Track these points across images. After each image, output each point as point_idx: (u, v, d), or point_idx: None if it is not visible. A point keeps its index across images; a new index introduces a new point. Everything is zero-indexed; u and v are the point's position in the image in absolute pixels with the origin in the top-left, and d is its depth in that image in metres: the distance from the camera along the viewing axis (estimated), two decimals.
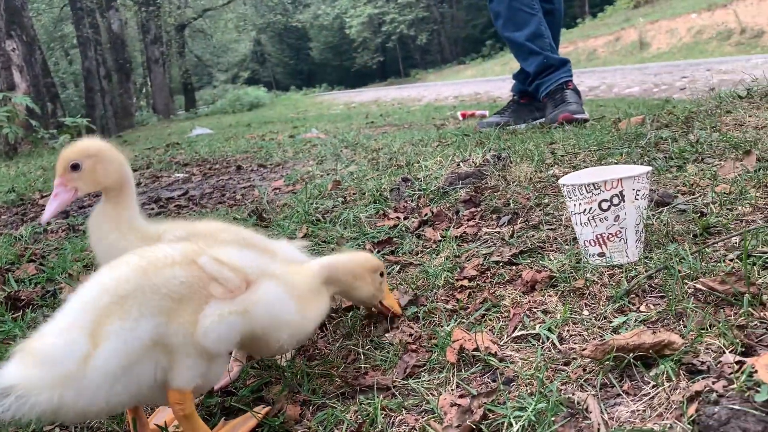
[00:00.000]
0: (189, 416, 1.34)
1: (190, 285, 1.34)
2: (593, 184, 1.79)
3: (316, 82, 52.01)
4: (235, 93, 30.32)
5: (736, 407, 1.14)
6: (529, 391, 1.38)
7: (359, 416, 1.43)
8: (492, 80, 23.23)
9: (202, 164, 6.83)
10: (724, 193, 2.21)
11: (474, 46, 44.12)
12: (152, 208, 4.62)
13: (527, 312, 1.73)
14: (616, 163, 2.75)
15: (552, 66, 4.91)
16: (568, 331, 1.60)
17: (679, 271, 1.67)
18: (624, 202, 1.79)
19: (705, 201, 2.18)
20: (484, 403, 1.35)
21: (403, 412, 1.43)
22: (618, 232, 1.82)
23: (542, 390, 1.34)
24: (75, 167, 1.64)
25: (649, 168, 1.83)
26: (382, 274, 1.78)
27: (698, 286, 1.59)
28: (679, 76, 12.62)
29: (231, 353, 1.72)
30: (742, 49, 18.30)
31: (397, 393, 1.51)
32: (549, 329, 1.61)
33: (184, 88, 35.32)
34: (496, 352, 1.55)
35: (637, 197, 1.80)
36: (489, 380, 1.49)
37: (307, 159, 5.96)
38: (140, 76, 34.65)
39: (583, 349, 1.41)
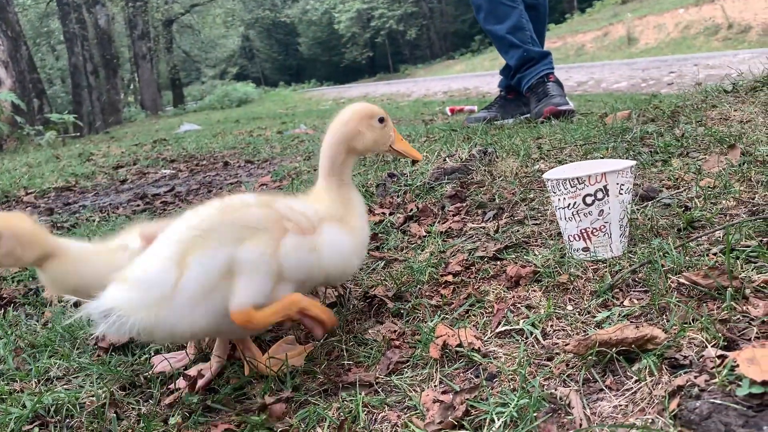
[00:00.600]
0: (265, 318, 1.51)
1: (267, 219, 1.53)
2: (577, 179, 1.78)
3: (305, 78, 51.81)
4: (223, 89, 30.17)
5: (718, 401, 1.14)
6: (511, 386, 1.37)
7: (341, 413, 1.42)
8: (481, 75, 23.24)
9: (189, 160, 6.80)
10: (709, 187, 2.21)
11: (463, 41, 44.11)
12: (138, 205, 4.59)
13: (511, 307, 1.72)
14: (601, 158, 2.75)
15: (533, 59, 4.90)
16: (551, 326, 1.60)
17: (663, 266, 1.67)
18: (608, 196, 1.78)
19: (689, 195, 2.18)
20: (467, 399, 1.34)
21: (386, 408, 1.42)
22: (602, 227, 1.81)
23: (525, 386, 1.34)
24: None
25: (633, 162, 1.83)
26: (381, 120, 1.79)
27: (681, 280, 1.59)
28: (667, 71, 12.67)
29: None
30: (729, 44, 18.38)
31: (379, 389, 1.50)
32: (533, 324, 1.60)
33: (172, 83, 35.08)
34: (479, 347, 1.55)
35: (621, 191, 1.79)
36: (472, 376, 1.48)
37: (295, 155, 5.94)
38: (128, 72, 34.40)
39: (566, 344, 1.40)
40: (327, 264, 1.62)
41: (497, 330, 1.64)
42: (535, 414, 1.24)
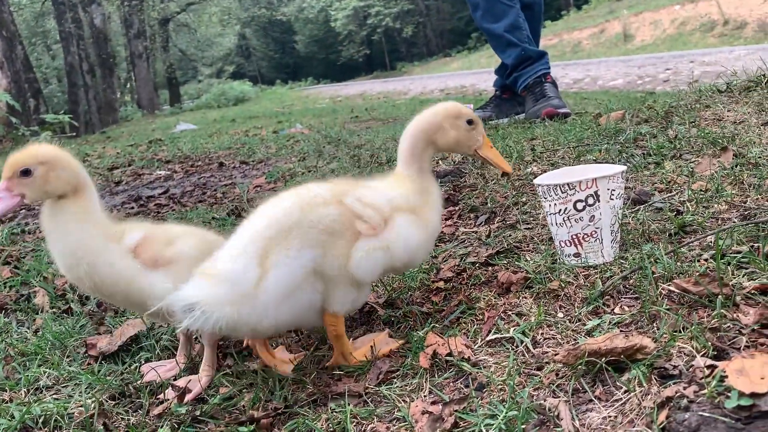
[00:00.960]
0: (340, 336, 1.61)
1: (342, 222, 1.55)
2: (568, 185, 1.77)
3: (301, 76, 51.70)
4: (220, 87, 30.10)
5: (707, 414, 1.13)
6: (500, 397, 1.36)
7: (330, 424, 1.41)
8: (478, 73, 23.21)
9: (185, 161, 6.77)
10: (701, 190, 2.21)
11: (460, 39, 44.06)
12: (132, 207, 4.57)
13: (502, 315, 1.71)
14: (594, 160, 2.74)
15: (530, 58, 4.89)
16: (542, 334, 1.59)
17: (654, 272, 1.66)
18: (599, 202, 1.77)
19: (681, 199, 2.18)
20: (456, 410, 1.34)
21: (375, 420, 1.41)
22: (593, 233, 1.80)
23: (514, 396, 1.33)
24: (26, 173, 1.59)
25: (624, 167, 1.82)
26: (470, 122, 1.78)
27: (672, 288, 1.58)
28: (663, 68, 12.66)
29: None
30: (725, 40, 18.38)
31: (368, 400, 1.49)
32: (523, 332, 1.60)
33: (168, 82, 35.01)
34: (469, 357, 1.54)
35: (612, 197, 1.79)
36: (462, 386, 1.47)
37: (290, 155, 5.92)
38: (124, 71, 34.31)
39: (556, 354, 1.39)
40: (396, 258, 1.63)
41: (488, 338, 1.63)
42: (523, 426, 1.23)
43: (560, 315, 1.65)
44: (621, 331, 1.49)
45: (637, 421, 1.21)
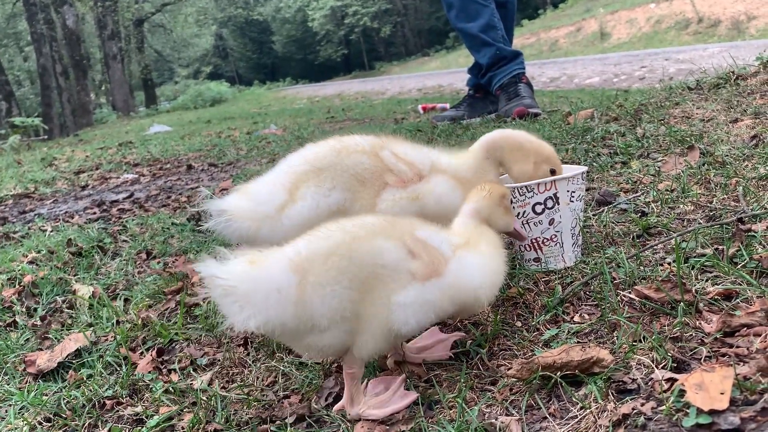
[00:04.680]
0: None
1: (372, 172, 1.62)
2: (526, 187, 1.69)
3: (280, 76, 51.31)
4: (196, 88, 29.75)
5: None
6: (450, 416, 1.28)
7: None
8: (456, 72, 23.17)
9: (153, 164, 6.63)
10: (667, 190, 2.14)
11: (438, 38, 44.05)
12: (94, 213, 4.44)
13: (458, 324, 1.63)
14: (561, 160, 2.67)
15: (505, 58, 4.84)
16: (498, 344, 1.51)
17: (615, 278, 1.59)
18: (558, 204, 1.70)
19: (647, 199, 2.11)
20: (402, 431, 1.25)
21: None
22: (553, 237, 1.73)
23: (463, 416, 1.25)
24: None
25: (584, 168, 1.75)
26: (554, 172, 1.74)
27: (632, 295, 1.51)
28: (639, 65, 12.70)
29: None
30: (699, 38, 18.53)
31: (314, 421, 1.40)
32: (479, 344, 1.52)
33: (144, 84, 34.50)
34: (420, 374, 1.45)
35: (572, 199, 1.71)
36: (413, 404, 1.38)
37: (260, 157, 5.80)
38: (99, 73, 33.83)
39: (509, 369, 1.31)
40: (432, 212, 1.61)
41: None
42: None
43: (518, 324, 1.57)
44: (578, 342, 1.41)
45: None
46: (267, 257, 1.32)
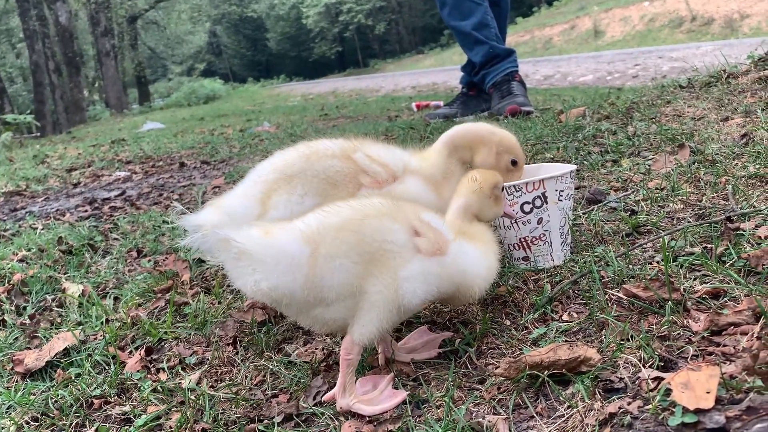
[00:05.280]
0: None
1: (345, 174, 1.62)
2: (514, 186, 1.69)
3: (274, 74, 51.13)
4: (190, 85, 29.62)
5: None
6: (437, 415, 1.28)
7: None
8: (450, 70, 23.15)
9: (146, 161, 6.61)
10: (657, 188, 2.15)
11: (432, 36, 44.02)
12: (85, 210, 4.42)
13: (447, 323, 1.63)
14: (552, 158, 2.68)
15: (498, 56, 4.84)
16: (487, 343, 1.51)
17: (603, 277, 1.59)
18: (547, 203, 1.70)
19: (637, 198, 2.11)
20: (390, 430, 1.25)
21: None
22: (542, 236, 1.73)
23: (450, 414, 1.24)
24: None
25: (573, 167, 1.75)
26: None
27: (621, 294, 1.51)
28: (632, 63, 12.72)
29: None
30: (692, 36, 18.56)
31: (302, 420, 1.40)
32: (467, 343, 1.51)
33: (137, 81, 34.35)
34: (408, 373, 1.45)
35: (560, 198, 1.71)
36: (401, 403, 1.38)
37: (253, 155, 5.79)
38: (92, 70, 33.67)
39: (497, 368, 1.31)
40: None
41: None
42: None
43: (507, 322, 1.57)
44: (566, 340, 1.41)
45: None
46: (280, 228, 1.37)
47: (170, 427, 1.47)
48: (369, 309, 1.34)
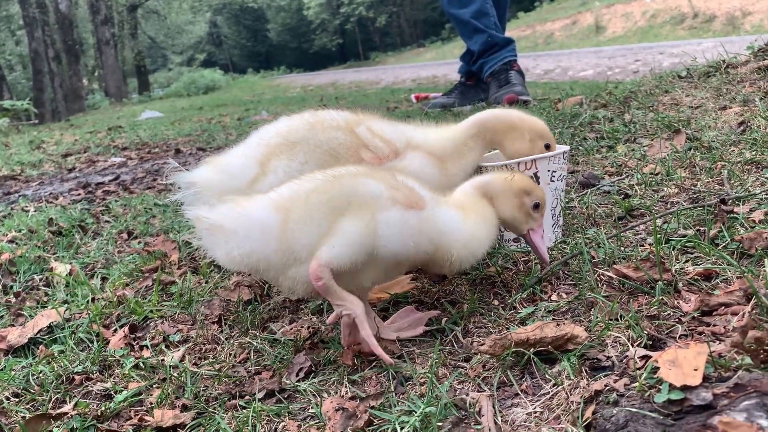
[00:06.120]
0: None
1: (347, 147, 1.59)
2: (506, 166, 1.66)
3: (274, 65, 50.91)
4: (190, 76, 29.51)
5: (635, 409, 1.04)
6: (421, 391, 1.25)
7: (237, 424, 1.29)
8: (450, 63, 23.06)
9: (142, 148, 6.57)
10: (651, 173, 2.12)
11: (434, 29, 43.84)
12: (79, 194, 4.39)
13: (435, 302, 1.61)
14: None
15: (496, 45, 4.81)
16: (474, 322, 1.48)
17: (593, 258, 1.56)
18: (539, 184, 1.67)
19: (631, 182, 2.09)
20: (372, 406, 1.22)
21: (287, 417, 1.29)
22: None
23: (434, 391, 1.22)
24: None
25: (566, 147, 1.72)
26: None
27: (611, 273, 1.48)
28: (633, 59, 12.66)
29: None
30: (694, 33, 18.50)
31: (284, 396, 1.38)
32: (454, 322, 1.49)
33: (137, 70, 34.19)
34: (393, 350, 1.43)
35: (553, 178, 1.69)
36: (385, 380, 1.36)
37: None
38: (92, 59, 33.54)
39: (482, 345, 1.29)
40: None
41: None
42: (439, 423, 1.13)
43: (495, 302, 1.55)
44: (554, 319, 1.39)
45: (563, 417, 1.11)
46: (251, 199, 1.37)
47: (150, 403, 1.44)
48: (340, 236, 1.31)
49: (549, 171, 1.67)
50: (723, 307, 1.30)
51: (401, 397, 1.26)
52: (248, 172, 1.59)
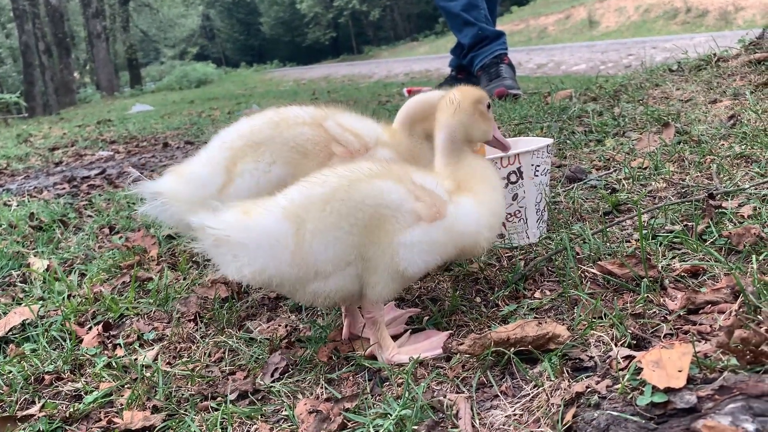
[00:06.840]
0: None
1: (316, 143, 1.53)
2: (489, 161, 1.62)
3: (267, 59, 50.62)
4: (182, 69, 29.31)
5: (616, 413, 1.00)
6: (396, 393, 1.21)
7: (209, 426, 1.24)
8: (444, 57, 22.96)
9: (130, 141, 6.50)
10: (639, 167, 2.08)
11: (427, 23, 43.69)
12: (63, 188, 4.32)
13: (416, 300, 1.56)
14: (534, 136, 2.60)
15: (486, 38, 4.76)
16: (455, 321, 1.44)
17: (578, 254, 1.52)
18: (522, 179, 1.63)
19: (619, 176, 2.05)
20: (347, 408, 1.18)
21: (259, 419, 1.25)
22: (517, 212, 1.66)
23: (411, 392, 1.18)
24: None
25: (550, 140, 1.68)
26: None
27: (595, 270, 1.44)
28: (626, 53, 12.63)
29: None
30: (687, 27, 18.50)
31: (257, 397, 1.33)
32: (435, 321, 1.45)
33: (129, 64, 33.91)
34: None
35: (536, 173, 1.64)
36: (362, 380, 1.32)
37: None
38: (83, 52, 33.28)
39: (461, 344, 1.25)
40: None
41: None
42: (414, 427, 1.08)
43: (477, 300, 1.50)
44: (536, 317, 1.35)
45: (543, 420, 1.07)
46: (259, 206, 1.27)
47: (121, 404, 1.40)
48: (373, 272, 1.28)
49: (533, 165, 1.63)
50: (710, 306, 1.26)
51: (378, 398, 1.22)
52: (217, 180, 1.53)
